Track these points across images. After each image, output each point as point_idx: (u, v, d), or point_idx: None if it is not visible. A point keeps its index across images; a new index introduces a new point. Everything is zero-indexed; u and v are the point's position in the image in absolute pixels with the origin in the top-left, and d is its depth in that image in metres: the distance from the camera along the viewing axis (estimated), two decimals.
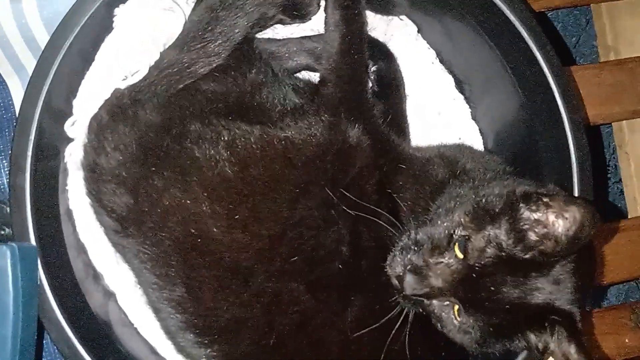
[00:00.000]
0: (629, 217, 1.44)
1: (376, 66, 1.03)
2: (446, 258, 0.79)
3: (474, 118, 1.13)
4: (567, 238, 0.75)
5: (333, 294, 0.84)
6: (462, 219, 0.80)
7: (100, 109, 0.88)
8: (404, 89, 1.07)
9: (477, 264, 0.78)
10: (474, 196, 0.82)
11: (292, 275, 0.82)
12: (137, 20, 0.90)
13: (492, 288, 0.77)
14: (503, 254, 0.77)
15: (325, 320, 0.83)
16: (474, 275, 0.78)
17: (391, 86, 1.05)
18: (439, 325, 0.83)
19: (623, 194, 1.52)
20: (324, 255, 0.83)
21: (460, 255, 0.78)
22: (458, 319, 0.80)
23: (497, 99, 1.08)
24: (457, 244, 0.79)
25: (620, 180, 1.52)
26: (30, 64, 1.06)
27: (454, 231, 0.79)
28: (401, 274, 0.80)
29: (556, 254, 0.77)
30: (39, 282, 0.81)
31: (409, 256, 0.81)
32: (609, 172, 1.60)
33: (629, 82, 1.26)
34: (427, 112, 1.11)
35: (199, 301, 0.82)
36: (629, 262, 1.23)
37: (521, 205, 0.79)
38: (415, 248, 0.81)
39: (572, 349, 0.76)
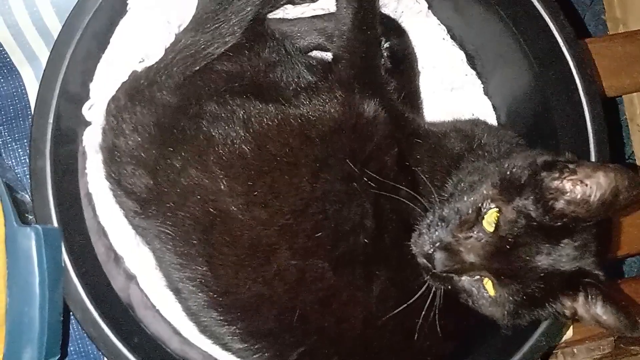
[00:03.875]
0: None
1: (389, 43, 1.03)
2: (475, 232, 0.79)
3: (486, 93, 1.13)
4: (600, 203, 0.75)
5: (358, 270, 0.84)
6: (489, 192, 0.80)
7: (117, 91, 0.88)
8: (417, 65, 1.07)
9: (509, 236, 0.78)
10: (498, 168, 0.83)
11: (316, 251, 0.82)
12: (151, 2, 0.90)
13: (527, 258, 0.78)
14: (534, 223, 0.78)
15: (350, 296, 0.84)
16: (507, 247, 0.78)
17: (404, 62, 1.05)
18: (470, 300, 0.83)
19: (635, 169, 1.51)
20: (349, 230, 0.83)
21: (491, 229, 0.78)
22: (491, 292, 0.80)
23: (509, 73, 1.07)
24: (486, 217, 0.79)
25: (632, 154, 1.52)
26: (42, 52, 1.06)
27: (482, 204, 0.79)
28: (430, 251, 0.80)
29: (589, 219, 0.77)
30: (63, 265, 0.81)
31: (437, 233, 0.81)
32: (619, 148, 1.59)
33: (639, 54, 1.25)
34: (440, 89, 1.11)
35: (221, 279, 0.83)
36: None
37: (544, 174, 0.79)
38: (442, 224, 0.81)
39: (605, 310, 0.77)
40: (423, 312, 0.82)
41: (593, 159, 0.95)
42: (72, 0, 0.87)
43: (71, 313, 0.83)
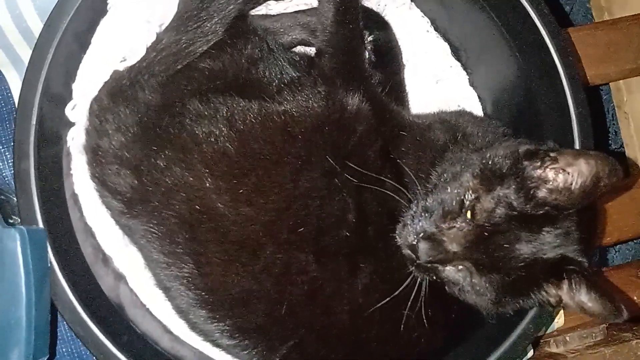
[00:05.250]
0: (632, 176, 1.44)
1: (372, 36, 1.03)
2: (459, 222, 0.80)
3: (471, 84, 1.13)
4: (581, 190, 0.76)
5: (341, 262, 0.84)
6: (470, 182, 0.80)
7: (100, 91, 0.89)
8: (402, 58, 1.07)
9: (486, 224, 0.78)
10: (480, 158, 0.83)
11: (299, 246, 0.83)
12: (132, 1, 0.90)
13: (507, 246, 0.78)
14: (514, 212, 0.78)
15: (335, 288, 0.84)
16: (486, 234, 0.78)
17: (388, 55, 1.05)
18: (454, 290, 0.84)
19: (624, 160, 1.51)
20: (330, 224, 0.84)
21: (471, 216, 0.79)
22: (474, 281, 0.81)
23: (494, 64, 1.08)
24: (467, 206, 0.79)
25: (622, 146, 1.52)
26: (26, 54, 1.05)
27: (465, 195, 0.80)
28: (414, 242, 0.81)
29: (570, 206, 0.78)
30: (49, 265, 0.81)
31: (420, 224, 0.81)
32: (610, 138, 1.60)
33: (624, 41, 1.26)
34: (425, 81, 1.11)
35: (208, 277, 0.83)
36: (634, 221, 1.23)
37: (526, 163, 0.79)
38: (426, 215, 0.81)
39: (589, 297, 0.77)
40: (409, 303, 0.82)
41: (577, 145, 0.96)
42: (54, 1, 0.87)
43: (59, 314, 0.83)
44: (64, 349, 1.02)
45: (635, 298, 1.20)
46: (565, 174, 0.77)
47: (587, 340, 1.16)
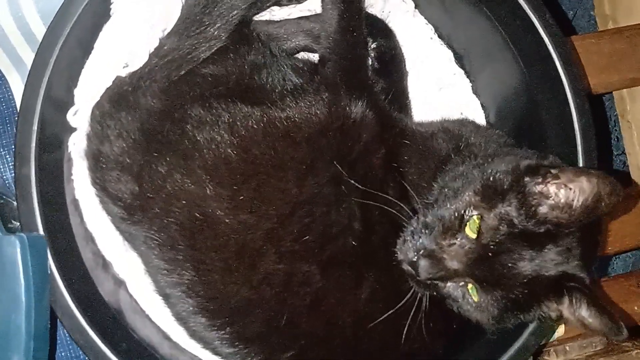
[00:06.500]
0: (633, 185, 1.44)
1: (376, 43, 1.03)
2: (459, 239, 0.79)
3: (475, 92, 1.13)
4: (582, 208, 0.75)
5: (346, 272, 0.84)
6: (472, 199, 0.80)
7: (101, 97, 0.88)
8: (405, 66, 1.07)
9: (491, 243, 0.77)
10: (481, 174, 0.82)
11: (303, 255, 0.82)
12: (134, 6, 0.90)
13: (509, 264, 0.78)
14: (516, 230, 0.77)
15: (338, 299, 0.83)
16: (490, 254, 0.78)
17: (392, 63, 1.04)
18: (454, 306, 0.83)
19: (626, 166, 1.52)
20: (336, 233, 0.83)
21: (473, 236, 0.78)
22: (475, 298, 0.80)
23: (497, 72, 1.07)
24: (468, 224, 0.78)
25: (623, 152, 1.52)
26: (28, 58, 1.05)
27: (465, 211, 0.79)
28: (414, 259, 0.80)
29: (571, 224, 0.77)
30: (49, 272, 0.81)
31: (420, 240, 0.80)
32: (612, 145, 1.59)
33: (628, 50, 1.25)
34: (428, 88, 1.11)
35: (208, 284, 0.83)
36: (635, 230, 1.23)
37: (527, 179, 0.79)
38: (426, 231, 0.81)
39: (590, 313, 0.77)
40: (411, 314, 0.82)
41: (580, 155, 0.95)
42: (57, 5, 0.87)
43: (58, 320, 0.83)
44: (63, 354, 1.02)
45: (635, 308, 1.20)
46: (567, 190, 0.76)
47: (587, 349, 1.16)
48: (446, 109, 1.10)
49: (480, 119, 1.11)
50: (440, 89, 1.12)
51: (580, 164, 0.95)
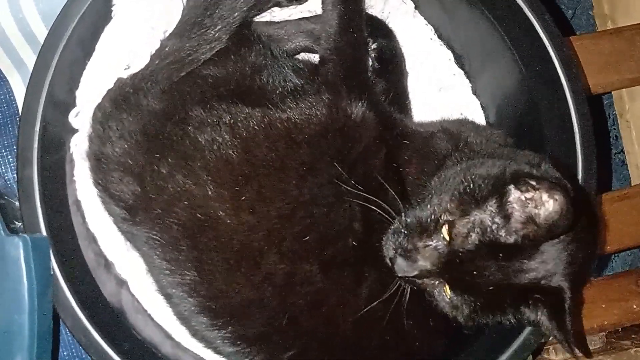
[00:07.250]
0: (632, 184, 1.45)
1: (376, 44, 1.03)
2: (434, 241, 0.80)
3: (474, 92, 1.13)
4: (546, 224, 0.75)
5: (347, 272, 0.84)
6: (448, 205, 0.80)
7: (103, 98, 0.89)
8: (405, 66, 1.07)
9: (460, 249, 0.78)
10: (462, 179, 0.82)
11: (304, 255, 0.83)
12: (136, 8, 0.90)
13: (475, 272, 0.78)
14: (487, 239, 0.78)
15: (339, 298, 0.84)
16: (458, 260, 0.79)
17: (392, 63, 1.05)
18: (432, 301, 0.84)
19: (625, 165, 1.52)
20: (337, 233, 0.84)
21: (447, 238, 0.79)
22: (448, 296, 0.82)
23: (497, 72, 1.08)
24: (444, 227, 0.79)
25: (622, 150, 1.52)
26: (29, 59, 1.06)
27: (441, 216, 0.80)
28: (392, 257, 0.82)
29: (538, 238, 0.77)
30: (52, 273, 0.82)
31: (399, 239, 0.82)
32: (611, 143, 1.60)
33: (627, 50, 1.26)
34: (428, 89, 1.11)
35: (210, 284, 0.83)
36: (634, 229, 1.23)
37: (510, 186, 0.78)
38: (406, 231, 0.82)
39: (551, 326, 0.79)
40: (392, 307, 0.83)
41: (579, 155, 0.96)
42: (58, 6, 0.87)
43: (61, 320, 0.84)
44: (65, 354, 1.02)
45: (634, 307, 1.20)
46: (538, 205, 0.75)
47: None
48: (446, 109, 1.10)
49: (480, 119, 1.11)
50: (440, 89, 1.12)
51: (580, 164, 0.96)
